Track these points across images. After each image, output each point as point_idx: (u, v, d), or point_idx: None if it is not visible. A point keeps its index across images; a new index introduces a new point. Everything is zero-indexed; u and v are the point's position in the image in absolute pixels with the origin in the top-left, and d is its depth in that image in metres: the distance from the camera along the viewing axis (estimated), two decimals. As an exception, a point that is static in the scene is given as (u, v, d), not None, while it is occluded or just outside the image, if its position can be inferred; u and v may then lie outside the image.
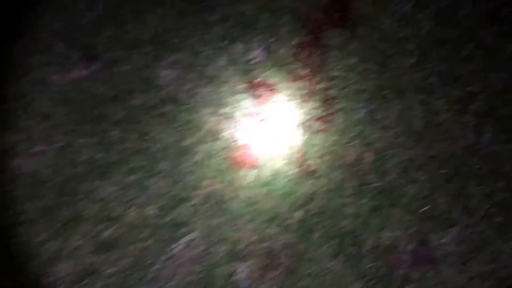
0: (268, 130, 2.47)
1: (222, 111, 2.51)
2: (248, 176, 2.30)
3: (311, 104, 2.53)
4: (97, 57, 2.68)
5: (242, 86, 2.60)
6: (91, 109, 2.48)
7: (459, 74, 2.59)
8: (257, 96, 2.58)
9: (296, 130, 2.46)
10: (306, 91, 2.58)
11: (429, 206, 2.18)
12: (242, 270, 2.21)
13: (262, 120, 2.50)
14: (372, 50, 2.71)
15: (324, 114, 2.50)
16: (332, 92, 2.57)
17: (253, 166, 2.34)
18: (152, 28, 2.81)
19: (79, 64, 2.64)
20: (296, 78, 2.64)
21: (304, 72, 2.66)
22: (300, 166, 2.32)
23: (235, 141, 2.41)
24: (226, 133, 2.44)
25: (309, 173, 2.30)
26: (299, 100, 2.55)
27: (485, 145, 2.32)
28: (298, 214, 2.18)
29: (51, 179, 2.28)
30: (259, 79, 2.62)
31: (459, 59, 2.65)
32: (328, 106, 2.52)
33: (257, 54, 2.71)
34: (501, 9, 2.82)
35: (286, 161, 2.34)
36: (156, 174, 2.27)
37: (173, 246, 2.20)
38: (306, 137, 2.43)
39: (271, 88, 2.61)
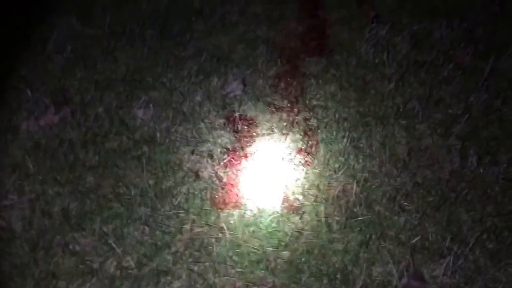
0: (250, 166, 2.40)
1: (201, 149, 2.42)
2: (232, 216, 2.21)
3: (292, 136, 2.46)
4: (68, 101, 2.61)
5: (220, 121, 2.53)
6: (63, 155, 2.39)
7: (439, 96, 2.56)
8: (237, 131, 2.50)
9: (278, 164, 2.38)
10: (286, 123, 2.52)
11: (419, 237, 2.11)
12: (229, 318, 2.11)
13: (243, 156, 2.42)
14: (351, 76, 2.67)
15: (306, 146, 2.43)
16: (312, 122, 2.51)
17: (236, 206, 2.26)
18: (123, 67, 2.76)
19: (50, 109, 2.56)
20: (275, 110, 2.58)
21: (283, 103, 2.61)
22: (285, 202, 2.25)
23: (216, 180, 2.33)
24: (206, 172, 2.36)
25: (294, 210, 2.22)
26: (279, 133, 2.48)
27: (471, 169, 2.26)
28: (285, 254, 2.09)
29: (24, 233, 2.17)
30: (237, 113, 2.56)
31: (438, 81, 2.62)
32: (309, 137, 2.45)
33: (234, 87, 2.66)
34: (476, 29, 2.82)
35: (269, 198, 2.26)
36: (134, 221, 2.17)
37: (156, 296, 2.10)
38: (288, 171, 2.36)
39: (250, 122, 2.54)
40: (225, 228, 2.17)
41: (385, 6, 2.98)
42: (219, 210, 2.23)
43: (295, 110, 2.58)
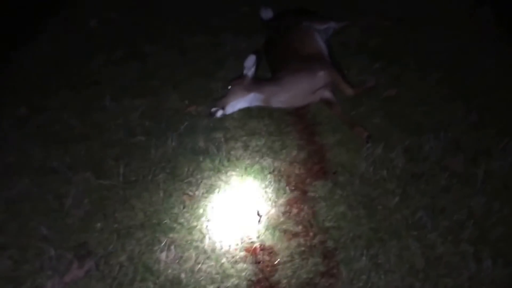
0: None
1: (227, 284, 2.51)
2: None
3: (312, 261, 2.58)
4: (90, 254, 2.67)
5: (241, 254, 2.64)
6: (91, 310, 2.46)
7: (442, 205, 2.74)
8: (258, 262, 2.62)
9: (304, 291, 2.49)
10: (304, 248, 2.65)
11: None
12: None
13: (268, 286, 2.52)
14: (357, 195, 2.85)
15: (327, 268, 2.55)
16: (330, 244, 2.64)
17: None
18: (141, 213, 2.88)
19: (73, 265, 2.61)
20: (291, 236, 2.72)
21: (297, 228, 2.75)
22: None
23: (245, 315, 2.42)
24: (235, 308, 2.46)
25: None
26: (299, 259, 2.60)
27: (488, 272, 2.41)
28: None
29: None
30: (256, 244, 2.68)
31: (438, 190, 2.82)
32: (329, 260, 2.57)
33: (249, 219, 2.80)
34: (461, 138, 3.07)
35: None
36: None
37: None
38: (315, 297, 2.46)
39: (270, 251, 2.66)
40: None
41: (374, 126, 3.23)
42: None
43: (311, 234, 2.71)
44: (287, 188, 2.96)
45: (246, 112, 3.46)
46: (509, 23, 3.86)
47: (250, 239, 2.72)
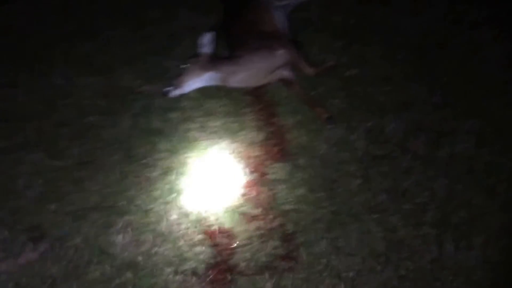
0: (234, 279, 2.41)
1: (184, 267, 2.44)
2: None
3: (271, 244, 2.51)
4: (44, 236, 2.59)
5: (199, 237, 2.57)
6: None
7: (404, 187, 2.69)
8: (216, 245, 2.53)
9: (262, 274, 2.41)
10: (263, 231, 2.57)
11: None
12: None
13: (226, 269, 2.44)
14: (317, 178, 2.79)
15: (286, 251, 2.48)
16: (289, 227, 2.58)
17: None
18: (96, 194, 2.79)
19: (27, 247, 2.53)
20: (250, 219, 2.63)
21: (256, 211, 2.68)
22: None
23: (204, 297, 2.34)
24: (193, 291, 2.37)
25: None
26: (259, 242, 2.52)
27: (450, 255, 2.38)
28: None
29: None
30: (214, 227, 2.60)
31: (400, 173, 2.76)
32: (288, 243, 2.51)
33: (206, 201, 2.71)
34: (424, 119, 3.01)
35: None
36: None
37: None
38: (274, 280, 2.39)
39: (228, 234, 2.58)
40: None
41: (335, 107, 3.14)
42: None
43: (270, 216, 2.64)
44: (246, 170, 2.86)
45: (203, 91, 3.31)
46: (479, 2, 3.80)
47: (208, 221, 2.65)
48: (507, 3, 3.59)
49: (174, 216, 2.66)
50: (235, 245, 2.55)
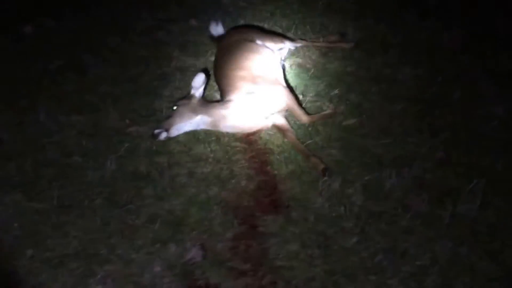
0: None
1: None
2: None
3: (260, 305, 2.32)
4: (20, 284, 2.43)
5: (183, 292, 2.38)
6: None
7: (404, 248, 2.53)
8: (202, 302, 2.35)
9: None
10: (252, 289, 2.39)
11: None
12: None
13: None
14: (311, 233, 2.64)
15: (278, 313, 2.29)
16: (280, 286, 2.41)
17: None
18: (75, 241, 2.64)
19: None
20: (238, 275, 2.45)
21: (245, 266, 2.50)
22: None
23: None
24: None
25: None
26: (246, 302, 2.34)
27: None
28: None
29: None
30: (200, 282, 2.43)
31: (399, 232, 2.61)
32: (279, 303, 2.32)
33: (193, 254, 2.56)
34: (426, 176, 2.87)
35: None
36: None
37: None
38: None
39: (214, 291, 2.39)
40: None
41: (331, 158, 3.00)
42: None
43: (260, 273, 2.47)
44: (235, 221, 2.71)
45: (192, 135, 3.19)
46: (477, 50, 3.74)
47: (193, 276, 2.48)
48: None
49: (157, 268, 2.49)
50: (222, 303, 2.36)
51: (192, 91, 3.21)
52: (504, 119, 3.20)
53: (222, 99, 3.29)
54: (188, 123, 3.14)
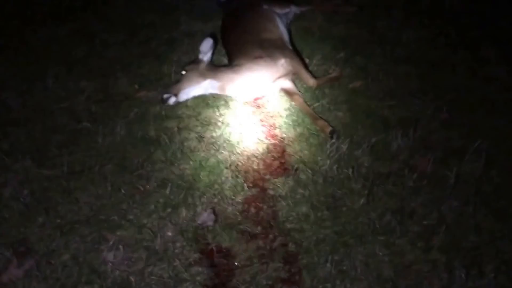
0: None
1: (180, 289, 2.30)
2: None
3: (272, 266, 2.37)
4: (30, 251, 2.43)
5: (195, 256, 2.42)
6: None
7: (411, 208, 2.56)
8: (214, 266, 2.39)
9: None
10: (263, 251, 2.44)
11: None
12: None
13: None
14: (320, 195, 2.66)
15: (288, 274, 2.34)
16: (291, 248, 2.44)
17: None
18: (86, 207, 2.65)
19: (11, 263, 2.37)
20: (250, 238, 2.50)
21: (256, 229, 2.54)
22: None
23: (199, 322, 2.20)
24: (189, 315, 2.24)
25: None
26: (259, 263, 2.39)
27: (461, 283, 2.25)
28: None
29: None
30: (212, 246, 2.46)
31: (406, 192, 2.64)
32: (290, 265, 2.37)
33: (204, 218, 2.58)
34: (431, 136, 2.90)
35: None
36: None
37: None
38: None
39: (227, 254, 2.44)
40: None
41: (338, 121, 3.04)
42: None
43: (271, 236, 2.51)
44: (245, 185, 2.75)
45: (201, 100, 3.22)
46: (478, 12, 3.73)
47: (205, 240, 2.50)
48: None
49: (169, 233, 2.52)
50: (234, 266, 2.39)
51: (200, 56, 3.21)
52: (506, 80, 3.23)
53: (230, 64, 3.30)
54: (197, 87, 3.15)
